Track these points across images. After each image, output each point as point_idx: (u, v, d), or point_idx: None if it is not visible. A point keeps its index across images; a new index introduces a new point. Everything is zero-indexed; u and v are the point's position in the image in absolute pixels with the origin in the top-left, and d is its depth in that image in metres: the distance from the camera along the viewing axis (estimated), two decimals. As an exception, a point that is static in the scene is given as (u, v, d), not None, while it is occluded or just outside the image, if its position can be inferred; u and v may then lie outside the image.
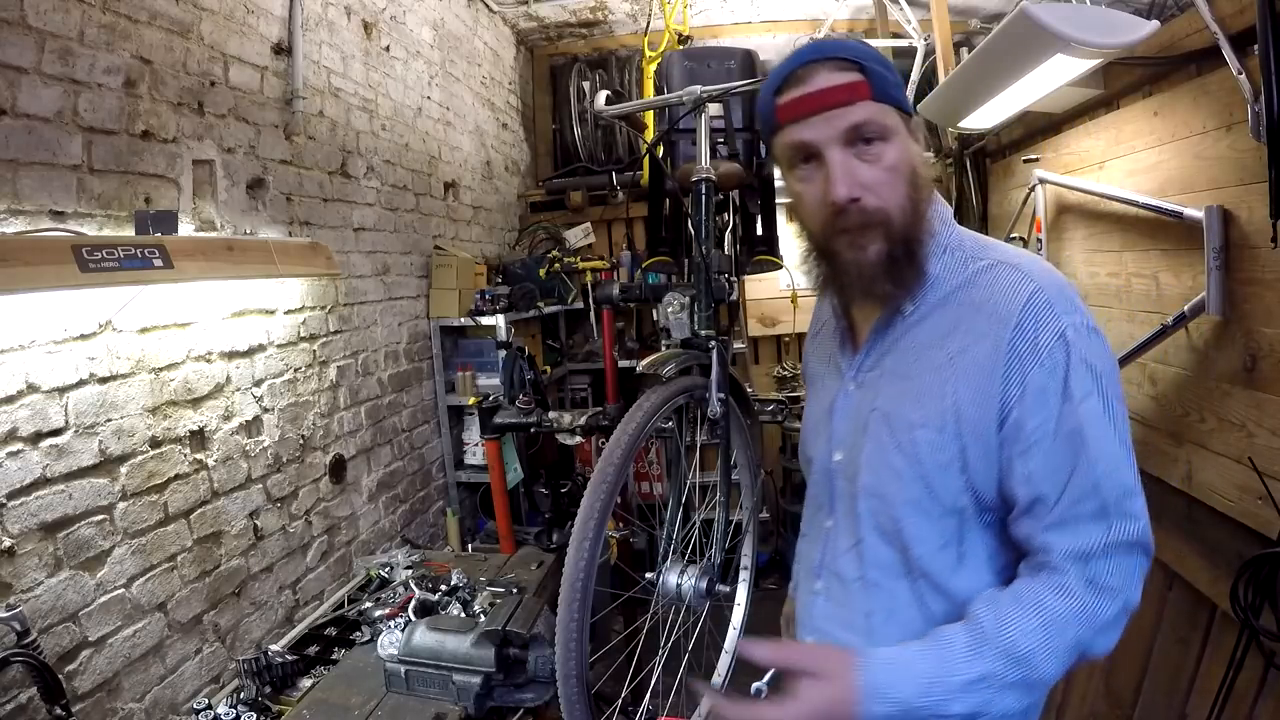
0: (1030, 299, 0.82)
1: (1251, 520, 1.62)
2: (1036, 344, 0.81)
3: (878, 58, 0.88)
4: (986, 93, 2.07)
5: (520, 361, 2.57)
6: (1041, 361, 0.80)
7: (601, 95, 1.67)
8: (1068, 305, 0.82)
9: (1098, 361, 0.81)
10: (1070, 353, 0.80)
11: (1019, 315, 0.82)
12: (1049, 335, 0.80)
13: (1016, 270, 0.85)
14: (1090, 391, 0.80)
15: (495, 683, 1.52)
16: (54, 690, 1.27)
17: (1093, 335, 0.81)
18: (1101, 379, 0.80)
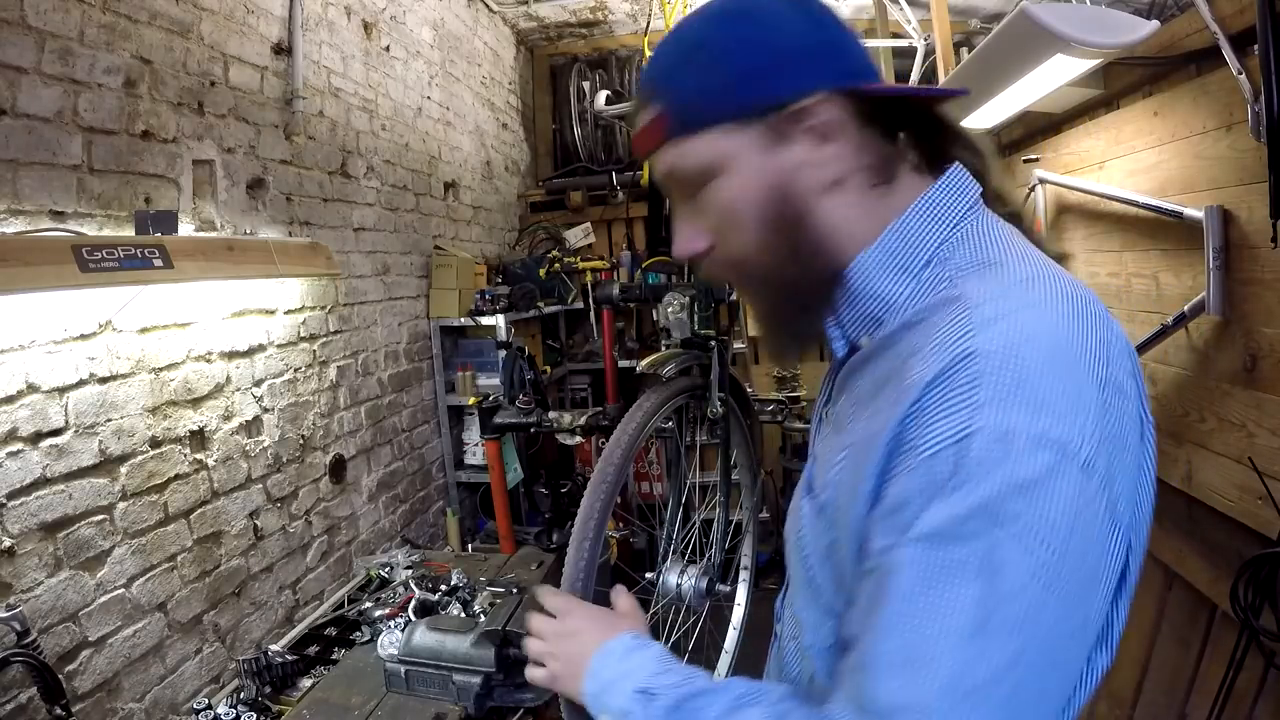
0: (947, 371, 0.53)
1: (1251, 520, 1.62)
2: (923, 439, 0.53)
3: (676, 69, 0.64)
4: (986, 93, 2.07)
5: (520, 361, 2.58)
6: (914, 468, 0.53)
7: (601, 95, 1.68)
8: (1008, 394, 0.51)
9: (1012, 500, 0.49)
10: (959, 469, 0.51)
11: (922, 392, 0.54)
12: (943, 433, 0.52)
13: (965, 313, 0.55)
14: (958, 538, 0.50)
15: (495, 683, 1.51)
16: (54, 690, 1.27)
17: (1034, 457, 0.50)
18: (1003, 536, 0.49)
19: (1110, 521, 0.53)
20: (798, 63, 0.61)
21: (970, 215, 0.63)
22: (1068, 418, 0.51)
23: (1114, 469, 0.53)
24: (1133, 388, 0.56)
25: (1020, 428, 0.50)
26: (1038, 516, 0.50)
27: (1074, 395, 0.52)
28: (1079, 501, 0.51)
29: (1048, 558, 0.50)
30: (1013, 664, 0.50)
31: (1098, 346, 0.54)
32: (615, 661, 0.70)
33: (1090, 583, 0.53)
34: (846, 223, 0.64)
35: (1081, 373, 0.53)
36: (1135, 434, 0.56)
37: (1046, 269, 0.59)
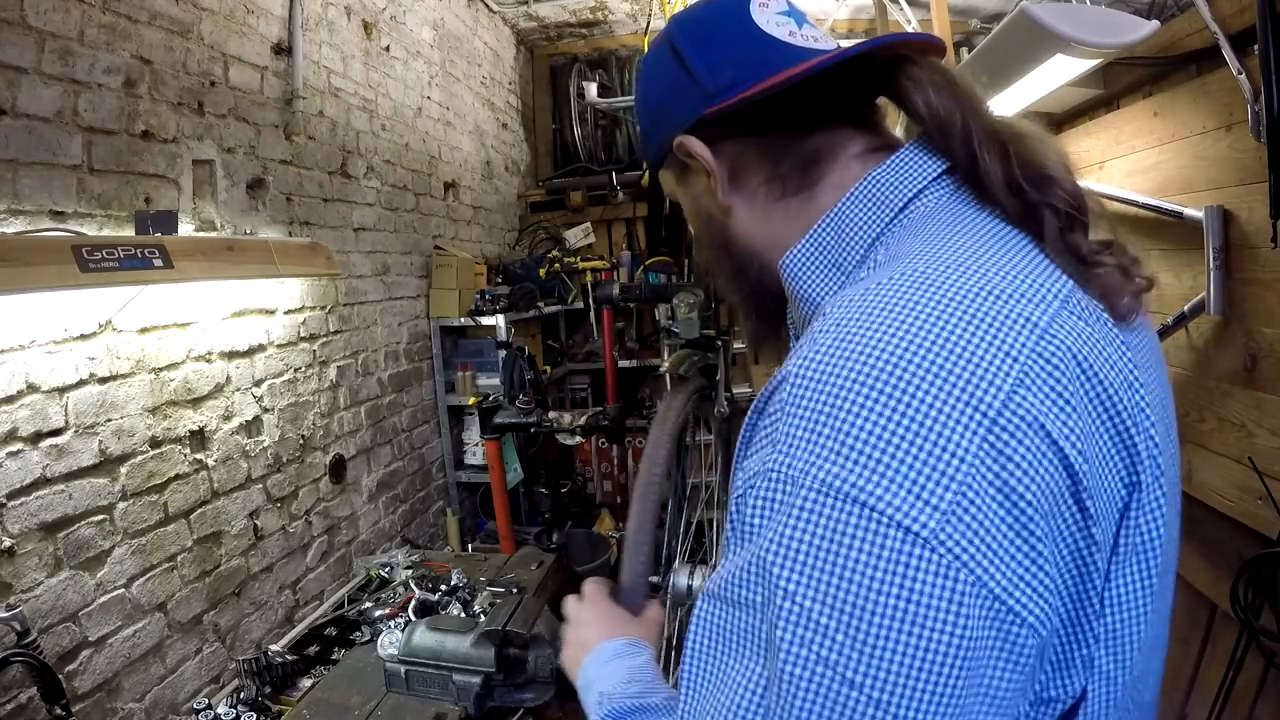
0: (763, 396, 0.46)
1: (1251, 520, 1.62)
2: (736, 477, 0.46)
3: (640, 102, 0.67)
4: (986, 93, 2.07)
5: (520, 361, 2.58)
6: (731, 506, 0.46)
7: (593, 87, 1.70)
8: (808, 428, 0.40)
9: (796, 572, 0.38)
10: (744, 519, 0.43)
11: (758, 402, 0.48)
12: (746, 472, 0.44)
13: (823, 319, 0.46)
14: (738, 603, 0.42)
15: (495, 683, 1.51)
16: (54, 690, 1.27)
17: (821, 512, 0.38)
18: (785, 612, 0.39)
19: (981, 627, 0.37)
20: (662, 111, 0.63)
21: (923, 196, 0.53)
22: (895, 468, 0.37)
23: (993, 549, 0.37)
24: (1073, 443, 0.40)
25: (813, 475, 0.39)
26: (820, 595, 0.37)
27: (915, 435, 0.38)
28: (900, 581, 0.36)
29: (838, 657, 0.37)
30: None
31: (995, 367, 0.39)
32: (600, 664, 0.71)
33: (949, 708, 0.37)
34: (760, 237, 0.61)
35: (942, 404, 0.38)
36: (1064, 507, 0.40)
37: (962, 269, 0.44)
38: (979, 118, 0.53)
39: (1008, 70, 1.85)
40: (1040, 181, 0.50)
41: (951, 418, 0.38)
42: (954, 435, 0.38)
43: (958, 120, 0.52)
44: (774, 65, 0.55)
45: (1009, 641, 0.38)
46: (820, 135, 0.58)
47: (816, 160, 0.58)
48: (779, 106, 0.56)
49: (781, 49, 0.57)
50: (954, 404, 0.38)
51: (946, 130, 0.52)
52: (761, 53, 0.57)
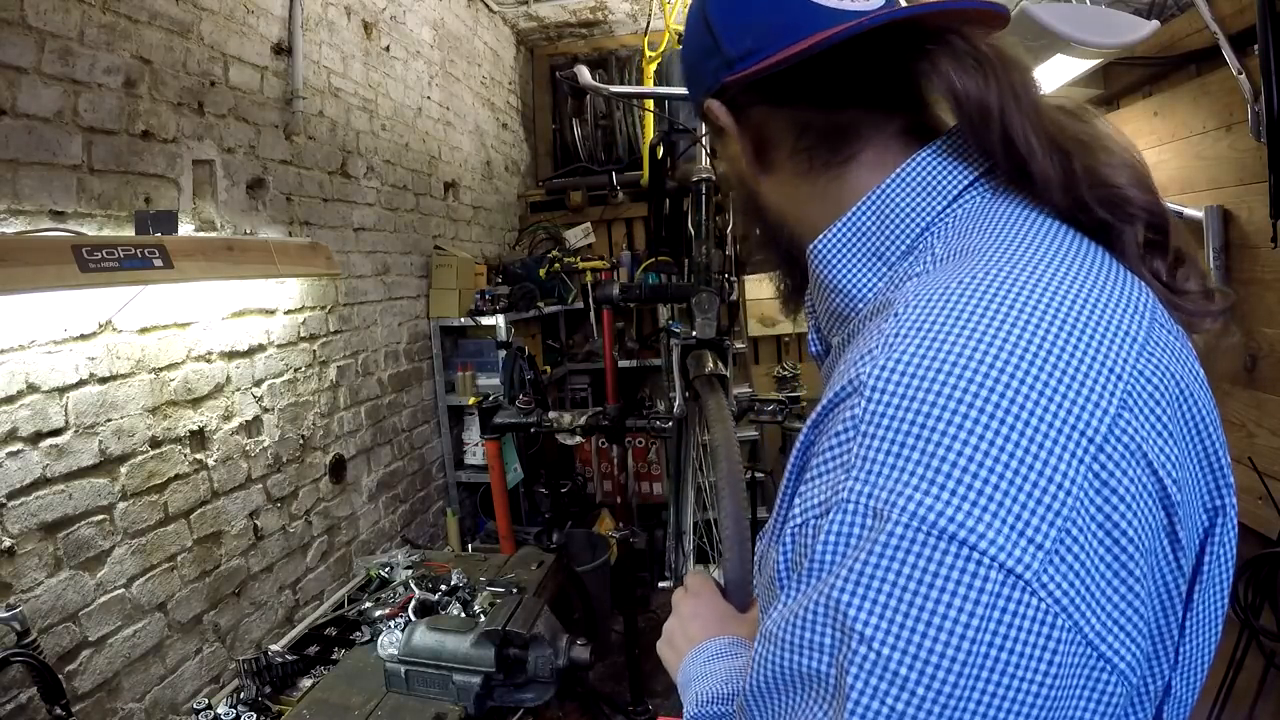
0: (829, 410, 0.41)
1: (1251, 520, 1.62)
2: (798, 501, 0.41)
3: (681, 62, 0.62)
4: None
5: (520, 361, 2.57)
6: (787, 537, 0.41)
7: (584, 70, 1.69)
8: (892, 452, 0.36)
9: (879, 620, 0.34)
10: (813, 551, 0.38)
11: (805, 434, 0.43)
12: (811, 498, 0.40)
13: (884, 323, 0.41)
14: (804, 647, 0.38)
15: (495, 683, 1.51)
16: (54, 690, 1.27)
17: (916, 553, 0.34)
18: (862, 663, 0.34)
19: (1088, 674, 0.35)
20: (694, 73, 0.59)
21: (973, 190, 0.48)
22: (995, 501, 0.33)
23: (1092, 597, 0.34)
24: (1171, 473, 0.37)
25: (903, 508, 0.34)
26: (903, 644, 0.34)
27: (1018, 465, 0.34)
28: (993, 635, 0.33)
29: (914, 712, 0.33)
30: None
31: (1098, 387, 0.35)
32: (701, 663, 0.69)
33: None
34: (790, 205, 0.57)
35: (1045, 430, 0.34)
36: (1158, 545, 0.37)
37: (1044, 277, 0.39)
38: (1030, 115, 0.45)
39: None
40: (1113, 204, 0.44)
41: (1057, 443, 0.34)
42: (1059, 464, 0.34)
43: (996, 117, 0.45)
44: (803, 30, 0.49)
45: (1098, 689, 0.35)
46: (854, 111, 0.52)
47: (847, 136, 0.52)
48: (803, 76, 0.50)
49: (814, 12, 0.50)
50: (1060, 427, 0.34)
51: (982, 126, 0.46)
52: (790, 17, 0.50)
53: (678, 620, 0.79)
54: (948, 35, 0.48)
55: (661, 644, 0.79)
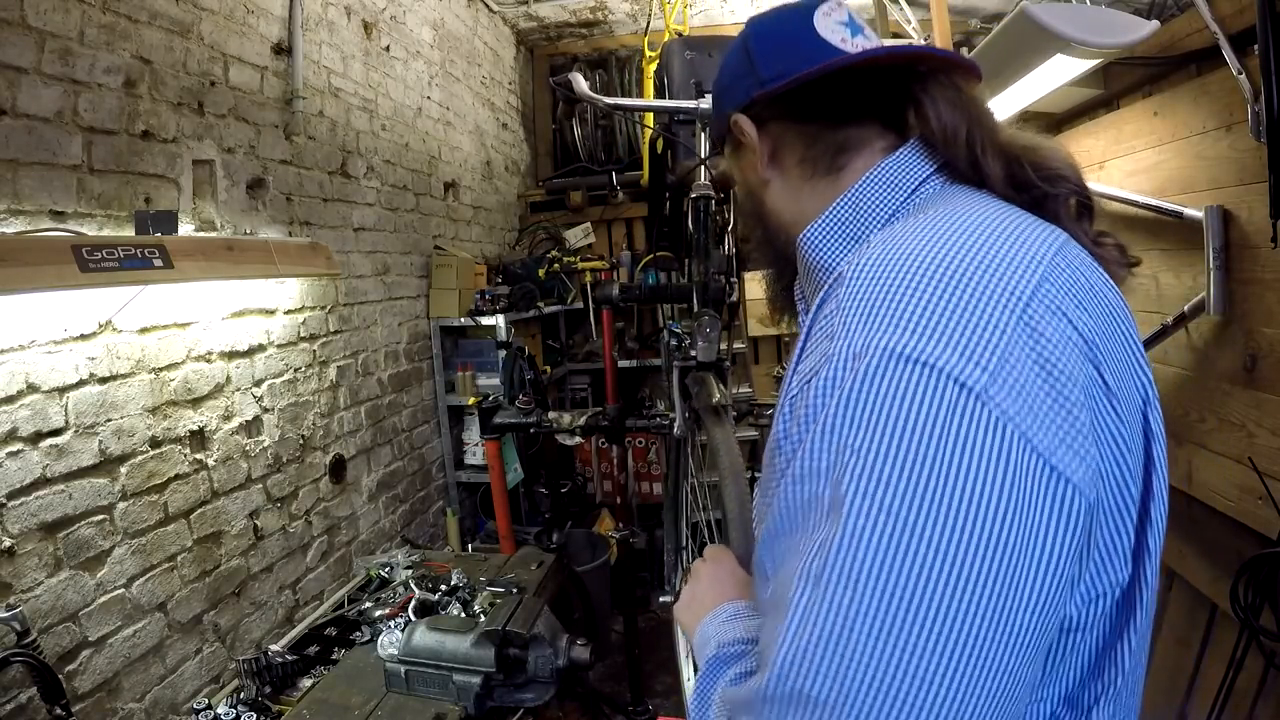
0: (822, 303, 0.52)
1: (1251, 520, 1.62)
2: (795, 377, 0.51)
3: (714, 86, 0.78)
4: (986, 93, 2.07)
5: (520, 361, 2.57)
6: (790, 407, 0.50)
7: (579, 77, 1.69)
8: (868, 310, 0.46)
9: (861, 432, 0.42)
10: (814, 400, 0.46)
11: (805, 331, 0.53)
12: (808, 368, 0.49)
13: (870, 245, 0.53)
14: (793, 479, 0.46)
15: (495, 683, 1.51)
16: (54, 690, 1.27)
17: (888, 374, 0.43)
18: (851, 474, 0.42)
19: (1041, 481, 0.41)
20: (727, 93, 0.73)
21: (928, 184, 0.62)
22: (949, 332, 0.43)
23: (1036, 409, 0.42)
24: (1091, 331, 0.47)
25: (876, 345, 0.44)
26: (887, 444, 0.41)
27: (965, 308, 0.44)
28: (962, 433, 0.40)
29: (898, 504, 0.40)
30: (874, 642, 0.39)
31: (1025, 264, 0.46)
32: (717, 624, 0.71)
33: (1001, 560, 0.39)
34: (788, 210, 0.71)
35: (981, 286, 0.44)
36: (1090, 381, 0.45)
37: (980, 212, 0.52)
38: (990, 135, 0.61)
39: (1008, 70, 1.85)
40: (1053, 179, 0.59)
41: (990, 300, 0.44)
42: (993, 313, 0.44)
43: (963, 134, 0.60)
44: (818, 62, 0.64)
45: (1057, 499, 0.42)
46: (852, 128, 0.66)
47: (845, 149, 0.66)
48: (817, 97, 0.66)
49: (830, 52, 0.65)
50: (992, 289, 0.45)
51: (951, 139, 0.61)
52: (812, 53, 0.65)
53: (695, 585, 0.82)
54: (931, 77, 0.63)
55: (679, 607, 0.82)
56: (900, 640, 0.39)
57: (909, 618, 0.39)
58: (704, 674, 0.64)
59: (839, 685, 0.39)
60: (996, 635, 0.39)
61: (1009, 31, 1.72)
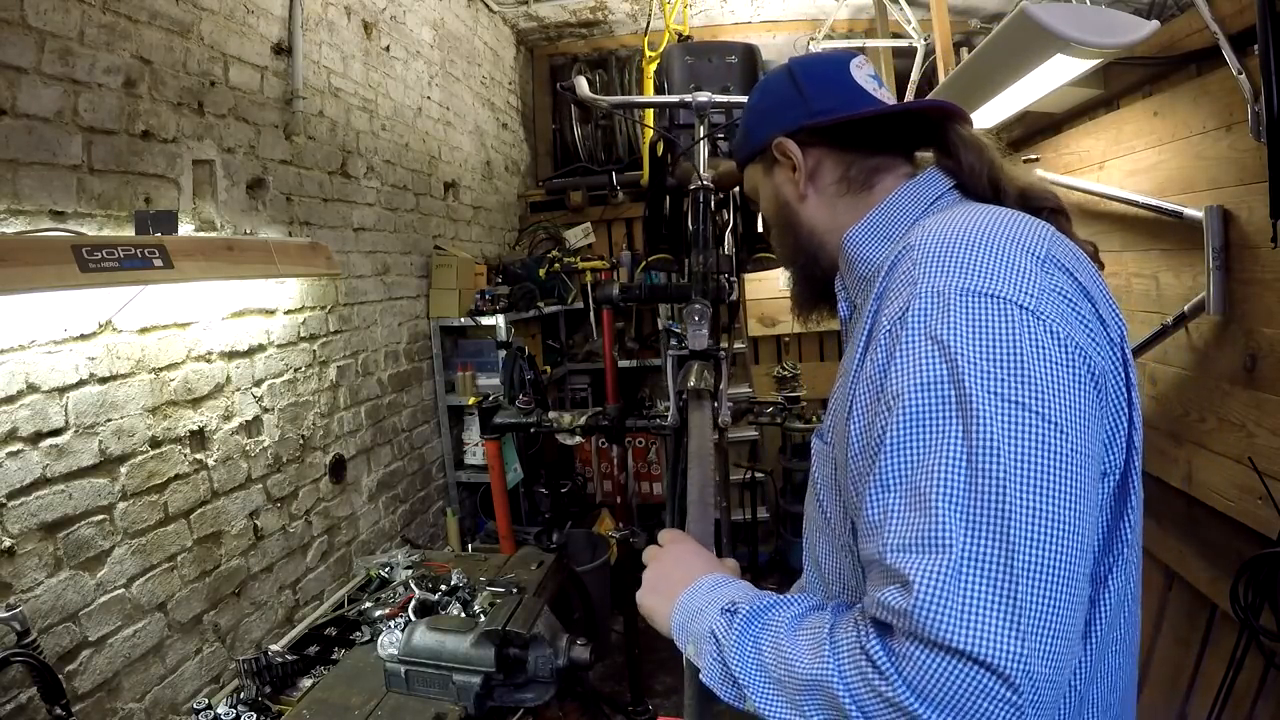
0: (894, 264, 0.66)
1: (1251, 520, 1.62)
2: (879, 322, 0.63)
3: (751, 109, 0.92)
4: (986, 93, 2.07)
5: (520, 361, 2.57)
6: (879, 344, 0.62)
7: (583, 81, 1.71)
8: (940, 265, 0.61)
9: (962, 340, 0.56)
10: (906, 327, 0.59)
11: (879, 286, 0.67)
12: (895, 308, 0.62)
13: (917, 232, 0.68)
14: (915, 386, 0.57)
15: (495, 683, 1.51)
16: (54, 690, 1.27)
17: (969, 304, 0.57)
18: (964, 369, 0.55)
19: (1082, 369, 0.58)
20: (770, 117, 0.87)
21: (944, 198, 0.78)
22: (1002, 276, 0.59)
23: (1069, 323, 0.60)
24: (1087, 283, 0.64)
25: (952, 286, 0.59)
26: (989, 352, 0.56)
27: (1006, 262, 0.60)
28: (1031, 338, 0.57)
29: (1010, 390, 0.55)
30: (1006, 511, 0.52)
31: (1036, 238, 0.64)
32: (704, 593, 0.75)
33: (1073, 418, 0.56)
34: (823, 221, 0.84)
35: (1014, 248, 0.61)
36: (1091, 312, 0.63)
37: (995, 210, 0.69)
38: (1002, 171, 0.78)
39: (1008, 70, 1.85)
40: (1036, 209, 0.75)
41: (1020, 256, 0.61)
42: (1025, 263, 0.61)
43: (986, 173, 0.77)
44: (859, 105, 0.81)
45: (1089, 371, 0.59)
46: (882, 156, 0.82)
47: (877, 172, 0.82)
48: (860, 131, 0.82)
49: (867, 97, 0.82)
50: (1020, 250, 0.62)
51: (976, 176, 0.77)
52: (853, 96, 0.82)
53: (659, 567, 0.84)
54: (951, 126, 0.80)
55: (644, 592, 0.83)
56: (1035, 484, 0.53)
57: (1044, 469, 0.53)
58: (740, 632, 0.66)
59: (1009, 536, 0.52)
60: (1085, 466, 0.56)
61: (1009, 31, 1.72)
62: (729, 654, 0.65)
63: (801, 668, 0.59)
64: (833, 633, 0.59)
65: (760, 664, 0.63)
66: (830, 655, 0.57)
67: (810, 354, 4.29)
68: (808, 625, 0.63)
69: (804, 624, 0.63)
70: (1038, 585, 0.51)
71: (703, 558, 0.85)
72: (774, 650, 0.63)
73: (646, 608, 0.81)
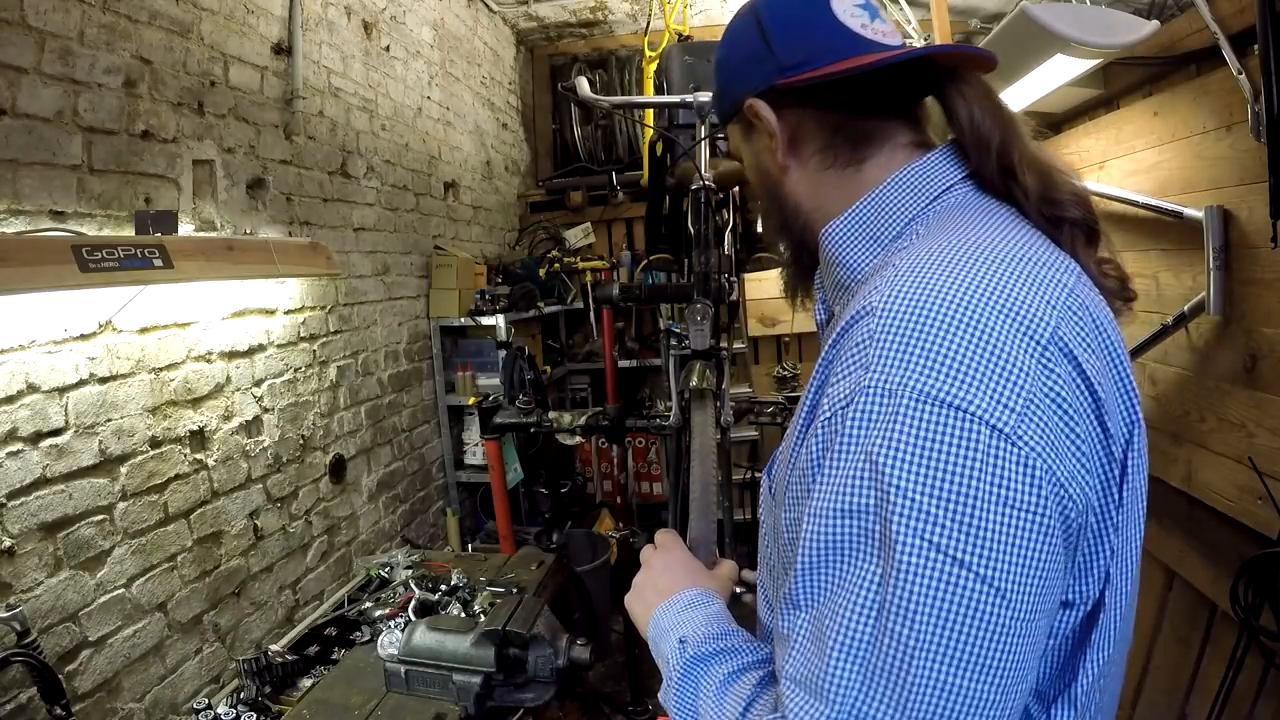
0: (846, 329, 0.53)
1: (1251, 520, 1.62)
2: (823, 402, 0.52)
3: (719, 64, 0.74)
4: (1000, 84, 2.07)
5: (520, 361, 2.57)
6: (815, 434, 0.52)
7: (584, 81, 1.71)
8: (901, 346, 0.48)
9: (901, 468, 0.46)
10: (842, 432, 0.49)
11: (829, 349, 0.55)
12: (839, 394, 0.50)
13: (887, 271, 0.55)
14: (836, 511, 0.48)
15: (495, 683, 1.51)
16: (54, 690, 1.27)
17: (924, 416, 0.46)
18: (895, 505, 0.45)
19: (1054, 514, 0.46)
20: (738, 74, 0.70)
21: (951, 192, 0.62)
22: (978, 376, 0.46)
23: (1055, 447, 0.47)
24: (1096, 375, 0.50)
25: (907, 385, 0.47)
26: (934, 489, 0.45)
27: (991, 352, 0.46)
28: (992, 476, 0.44)
29: (948, 541, 0.44)
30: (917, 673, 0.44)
31: (1041, 308, 0.49)
32: (674, 613, 0.72)
33: (1024, 580, 0.45)
34: (807, 196, 0.69)
35: (1008, 327, 0.47)
36: (1091, 423, 0.49)
37: (1003, 243, 0.54)
38: (1020, 143, 0.61)
39: (1008, 70, 1.85)
40: (1069, 205, 0.60)
41: (1015, 343, 0.47)
42: (1018, 356, 0.47)
43: (996, 141, 0.60)
44: (844, 52, 0.62)
45: (1060, 516, 0.47)
46: (874, 120, 0.65)
47: (867, 141, 0.65)
48: (842, 88, 0.64)
49: (852, 39, 0.63)
50: (1016, 333, 0.48)
51: (983, 146, 0.61)
52: (834, 39, 0.64)
53: (648, 574, 0.81)
54: (959, 76, 0.63)
55: (630, 597, 0.81)
56: (956, 660, 0.44)
57: (970, 642, 0.44)
58: (683, 673, 0.64)
59: (908, 707, 0.44)
60: (1027, 638, 0.46)
61: (1009, 31, 1.72)
62: (671, 689, 0.64)
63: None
64: (744, 715, 0.56)
65: (694, 710, 0.61)
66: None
67: (810, 354, 4.29)
68: (733, 693, 0.59)
69: (733, 687, 0.59)
70: None
71: (688, 568, 0.81)
72: (705, 703, 0.61)
73: (631, 613, 0.80)
